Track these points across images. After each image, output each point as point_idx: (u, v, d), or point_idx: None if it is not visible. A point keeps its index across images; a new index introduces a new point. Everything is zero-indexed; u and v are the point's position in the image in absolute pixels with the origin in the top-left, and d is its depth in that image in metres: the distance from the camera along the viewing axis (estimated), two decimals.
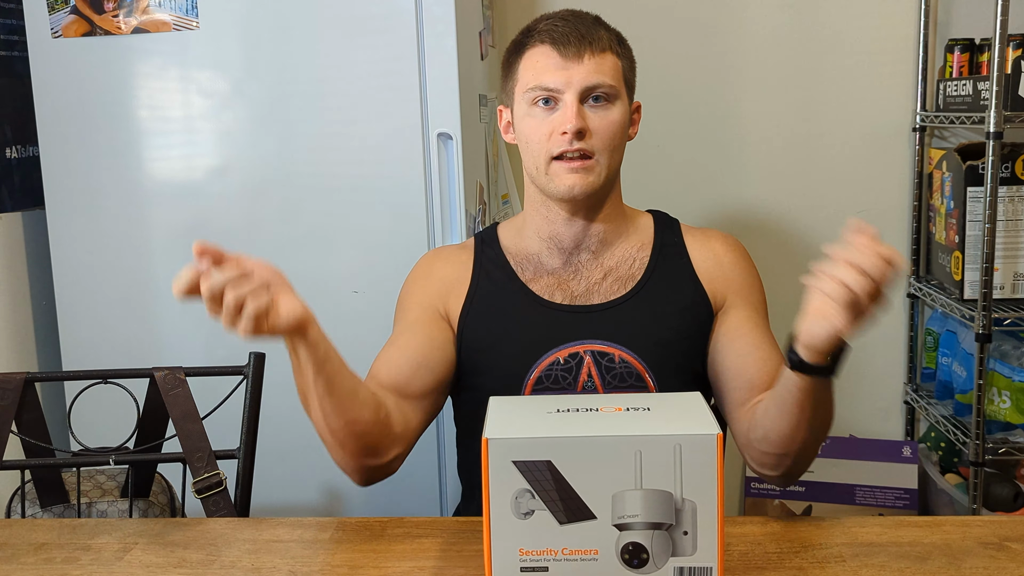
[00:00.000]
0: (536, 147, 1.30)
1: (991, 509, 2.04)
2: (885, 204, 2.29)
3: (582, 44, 1.28)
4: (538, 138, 1.29)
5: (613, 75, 1.30)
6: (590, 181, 1.29)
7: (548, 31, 1.29)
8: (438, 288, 1.38)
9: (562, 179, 1.29)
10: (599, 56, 1.29)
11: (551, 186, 1.30)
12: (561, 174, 1.29)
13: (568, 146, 1.27)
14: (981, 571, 1.01)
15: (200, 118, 1.77)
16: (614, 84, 1.30)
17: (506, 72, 1.36)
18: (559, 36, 1.28)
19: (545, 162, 1.29)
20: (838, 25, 2.24)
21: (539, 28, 1.31)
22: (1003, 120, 1.84)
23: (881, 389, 2.36)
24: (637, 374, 1.31)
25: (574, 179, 1.28)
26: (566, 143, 1.27)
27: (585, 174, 1.28)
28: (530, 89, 1.30)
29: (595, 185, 1.29)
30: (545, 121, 1.29)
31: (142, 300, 1.82)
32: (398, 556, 1.09)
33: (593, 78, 1.28)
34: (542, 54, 1.29)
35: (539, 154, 1.30)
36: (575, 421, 0.95)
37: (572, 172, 1.28)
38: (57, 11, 1.76)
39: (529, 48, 1.31)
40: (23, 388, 1.39)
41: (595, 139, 1.28)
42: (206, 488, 1.36)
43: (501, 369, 1.34)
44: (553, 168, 1.29)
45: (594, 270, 1.37)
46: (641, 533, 0.91)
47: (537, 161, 1.31)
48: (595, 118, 1.28)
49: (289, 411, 1.78)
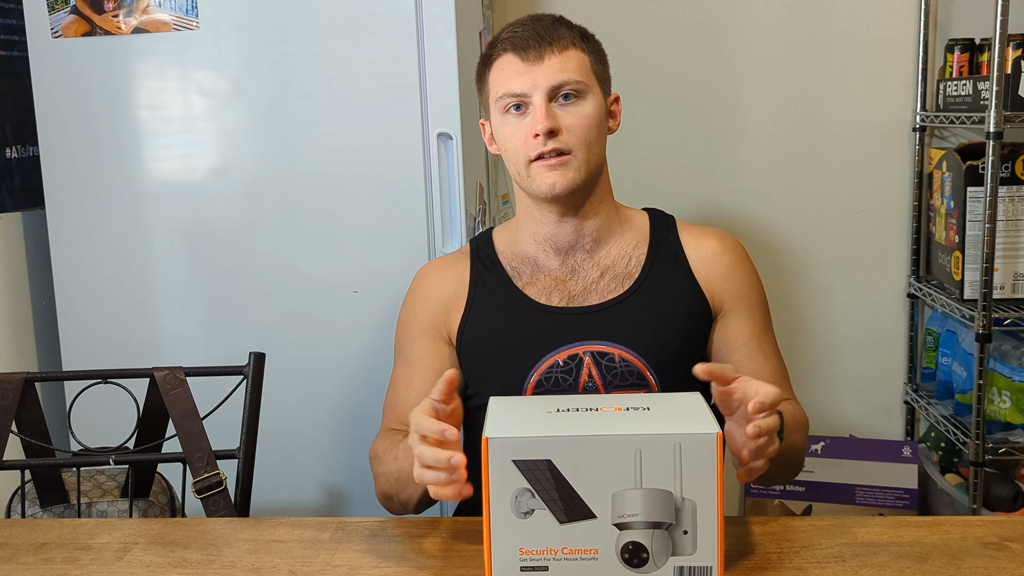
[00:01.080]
0: (514, 153, 1.32)
1: (991, 509, 2.04)
2: (885, 204, 2.29)
3: (541, 45, 1.29)
4: (514, 144, 1.32)
5: (579, 70, 1.31)
6: (570, 177, 1.30)
7: (509, 39, 1.32)
8: (436, 309, 1.40)
9: (542, 178, 1.30)
10: (561, 54, 1.30)
11: (534, 187, 1.32)
12: (541, 174, 1.30)
13: (543, 147, 1.29)
14: (981, 571, 1.01)
15: (200, 118, 1.78)
16: (581, 79, 1.31)
17: (479, 86, 1.39)
18: (519, 41, 1.30)
19: (525, 166, 1.31)
20: (838, 25, 2.24)
21: (501, 38, 1.33)
22: (1003, 120, 1.84)
23: (881, 389, 2.36)
24: (638, 372, 1.31)
25: (553, 177, 1.30)
26: (540, 145, 1.29)
27: (564, 170, 1.30)
28: (500, 98, 1.32)
29: (576, 181, 1.31)
30: (519, 127, 1.31)
31: (142, 300, 1.82)
32: (398, 556, 1.09)
33: (558, 76, 1.29)
34: (507, 62, 1.31)
35: (518, 159, 1.32)
36: (575, 421, 0.95)
37: (551, 170, 1.30)
38: (57, 11, 1.76)
39: (495, 59, 1.33)
40: (23, 388, 1.39)
41: (568, 136, 1.29)
42: (206, 488, 1.36)
43: (500, 375, 1.34)
44: (533, 170, 1.31)
45: (591, 269, 1.37)
46: (641, 532, 0.91)
47: (518, 166, 1.33)
48: (566, 115, 1.30)
49: (289, 411, 1.79)
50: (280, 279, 1.79)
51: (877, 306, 2.32)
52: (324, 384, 1.79)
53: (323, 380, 1.79)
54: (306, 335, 1.79)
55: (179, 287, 1.81)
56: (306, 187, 1.76)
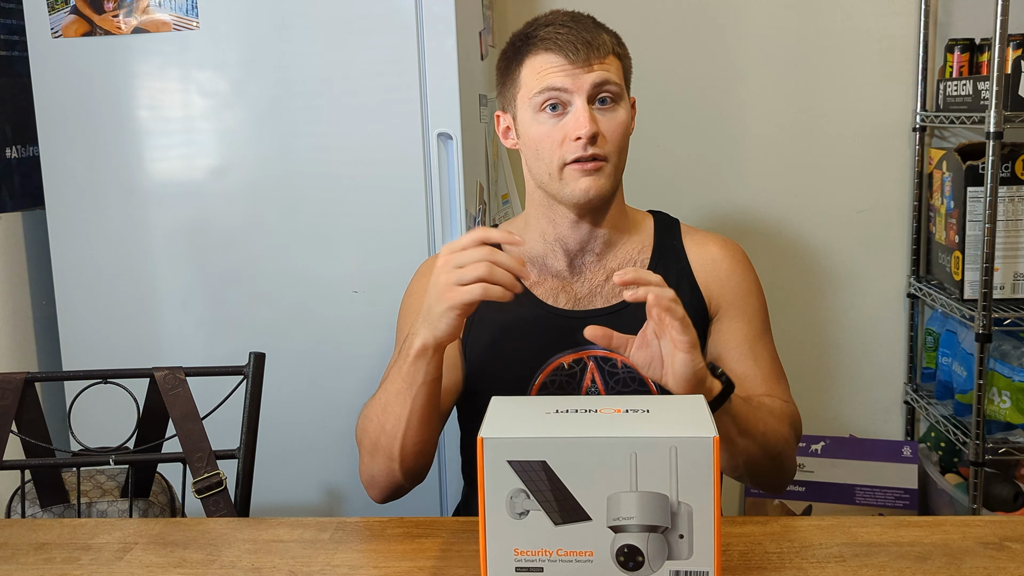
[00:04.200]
0: (548, 154, 1.28)
1: (991, 509, 2.04)
2: (885, 204, 2.29)
3: (590, 50, 1.26)
4: (549, 145, 1.28)
5: (617, 76, 1.30)
6: (602, 184, 1.28)
7: (552, 39, 1.27)
8: None
9: (577, 183, 1.27)
10: (604, 60, 1.28)
11: (565, 191, 1.29)
12: (576, 179, 1.27)
13: (583, 152, 1.26)
14: (981, 571, 1.01)
15: (200, 118, 1.78)
16: (619, 84, 1.29)
17: (505, 79, 1.35)
18: (565, 43, 1.26)
19: (558, 168, 1.28)
20: (838, 25, 2.24)
21: (539, 35, 1.29)
22: (1003, 120, 1.84)
23: (881, 389, 2.36)
24: (640, 379, 1.31)
25: (588, 183, 1.27)
26: (580, 149, 1.26)
27: (598, 177, 1.28)
28: (538, 93, 1.28)
29: (607, 188, 1.29)
30: (556, 127, 1.27)
31: (142, 300, 1.82)
32: (398, 556, 1.09)
33: (601, 79, 1.27)
34: (547, 61, 1.27)
35: (551, 160, 1.28)
36: (572, 422, 0.95)
37: (586, 175, 1.27)
38: (57, 11, 1.76)
39: (531, 55, 1.29)
40: (23, 388, 1.39)
41: (606, 142, 1.27)
42: (206, 488, 1.36)
43: (506, 375, 1.34)
44: (567, 174, 1.28)
45: (597, 272, 1.36)
46: (636, 535, 0.91)
47: (550, 167, 1.29)
48: (604, 120, 1.27)
49: (289, 411, 1.80)
50: (280, 279, 1.79)
51: (877, 306, 2.32)
52: (324, 384, 1.79)
53: (323, 380, 1.79)
54: (306, 335, 1.79)
55: (179, 287, 1.81)
56: (306, 187, 1.76)
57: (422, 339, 1.16)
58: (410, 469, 1.26)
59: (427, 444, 1.25)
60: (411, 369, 1.18)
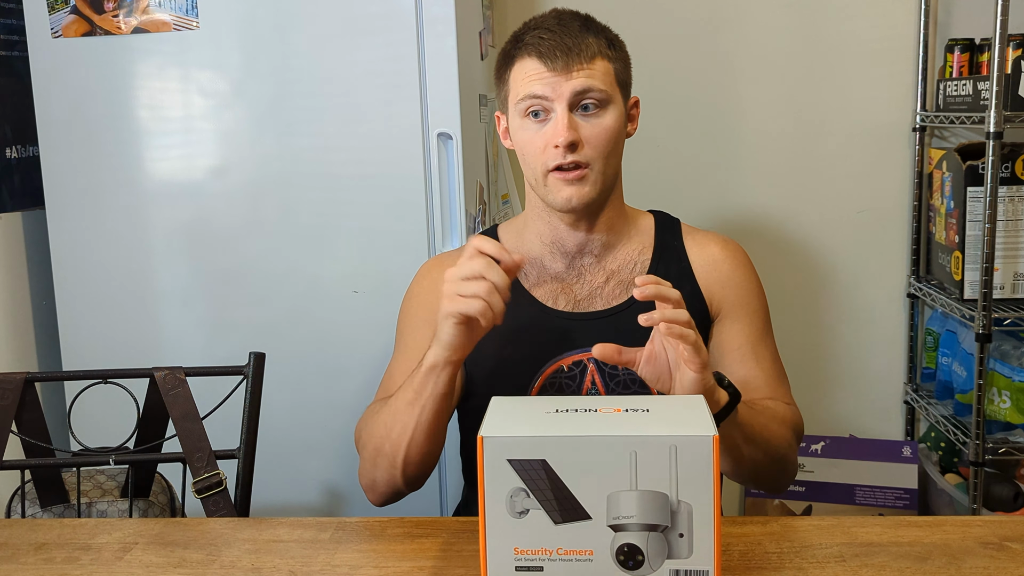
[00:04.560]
0: (532, 160, 1.30)
1: (991, 509, 2.04)
2: (885, 204, 2.29)
3: (569, 57, 1.25)
4: (532, 151, 1.29)
5: (604, 80, 1.27)
6: (586, 192, 1.28)
7: (535, 44, 1.27)
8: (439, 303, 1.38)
9: (559, 191, 1.28)
10: (588, 65, 1.26)
11: (550, 198, 1.30)
12: (558, 187, 1.28)
13: (562, 159, 1.26)
14: (981, 571, 1.01)
15: (200, 118, 1.78)
16: (604, 89, 1.27)
17: (499, 80, 1.35)
18: (546, 49, 1.26)
19: (542, 175, 1.29)
20: (838, 25, 2.24)
21: (526, 40, 1.29)
22: (1003, 120, 1.84)
23: (881, 389, 2.36)
24: (640, 381, 1.31)
25: (570, 191, 1.27)
26: (559, 156, 1.26)
27: (580, 185, 1.27)
28: (520, 100, 1.28)
29: (591, 195, 1.29)
30: (538, 134, 1.28)
31: (142, 300, 1.82)
32: (398, 556, 1.09)
33: (582, 88, 1.25)
34: (530, 66, 1.27)
35: (535, 167, 1.29)
36: (572, 421, 0.95)
37: (568, 184, 1.27)
38: (57, 11, 1.76)
39: (519, 59, 1.29)
40: (23, 388, 1.39)
41: (588, 149, 1.27)
42: (206, 488, 1.36)
43: (506, 377, 1.34)
44: (550, 181, 1.28)
45: (597, 274, 1.36)
46: (636, 534, 0.91)
47: (535, 173, 1.30)
48: (587, 127, 1.26)
49: (289, 411, 1.79)
50: (280, 279, 1.79)
51: (877, 306, 2.32)
52: (324, 384, 1.79)
53: (323, 380, 1.79)
54: (306, 335, 1.79)
55: (179, 287, 1.81)
56: (306, 187, 1.76)
57: (433, 355, 1.19)
58: (412, 477, 1.28)
59: (431, 456, 1.26)
60: (422, 381, 1.20)
